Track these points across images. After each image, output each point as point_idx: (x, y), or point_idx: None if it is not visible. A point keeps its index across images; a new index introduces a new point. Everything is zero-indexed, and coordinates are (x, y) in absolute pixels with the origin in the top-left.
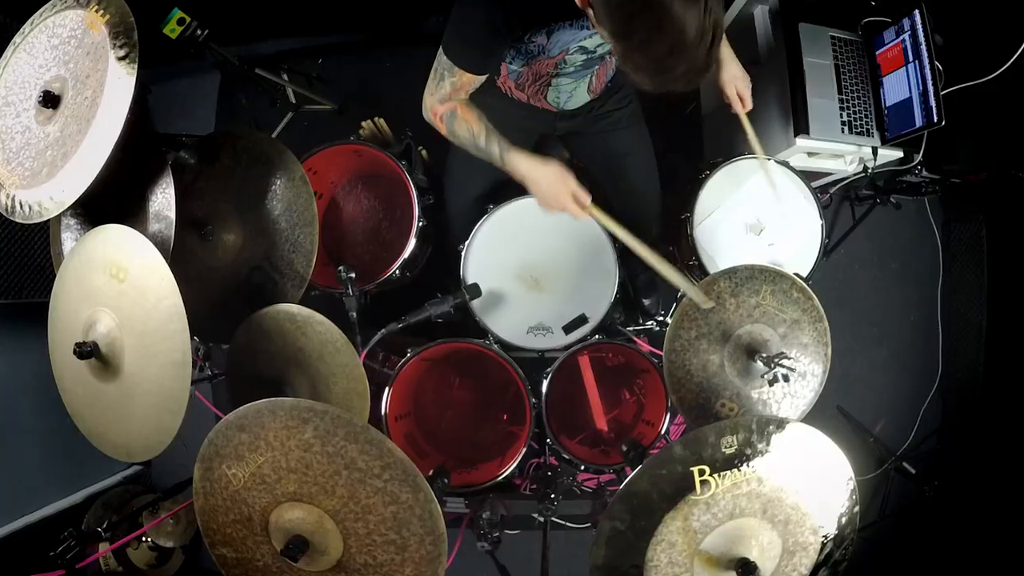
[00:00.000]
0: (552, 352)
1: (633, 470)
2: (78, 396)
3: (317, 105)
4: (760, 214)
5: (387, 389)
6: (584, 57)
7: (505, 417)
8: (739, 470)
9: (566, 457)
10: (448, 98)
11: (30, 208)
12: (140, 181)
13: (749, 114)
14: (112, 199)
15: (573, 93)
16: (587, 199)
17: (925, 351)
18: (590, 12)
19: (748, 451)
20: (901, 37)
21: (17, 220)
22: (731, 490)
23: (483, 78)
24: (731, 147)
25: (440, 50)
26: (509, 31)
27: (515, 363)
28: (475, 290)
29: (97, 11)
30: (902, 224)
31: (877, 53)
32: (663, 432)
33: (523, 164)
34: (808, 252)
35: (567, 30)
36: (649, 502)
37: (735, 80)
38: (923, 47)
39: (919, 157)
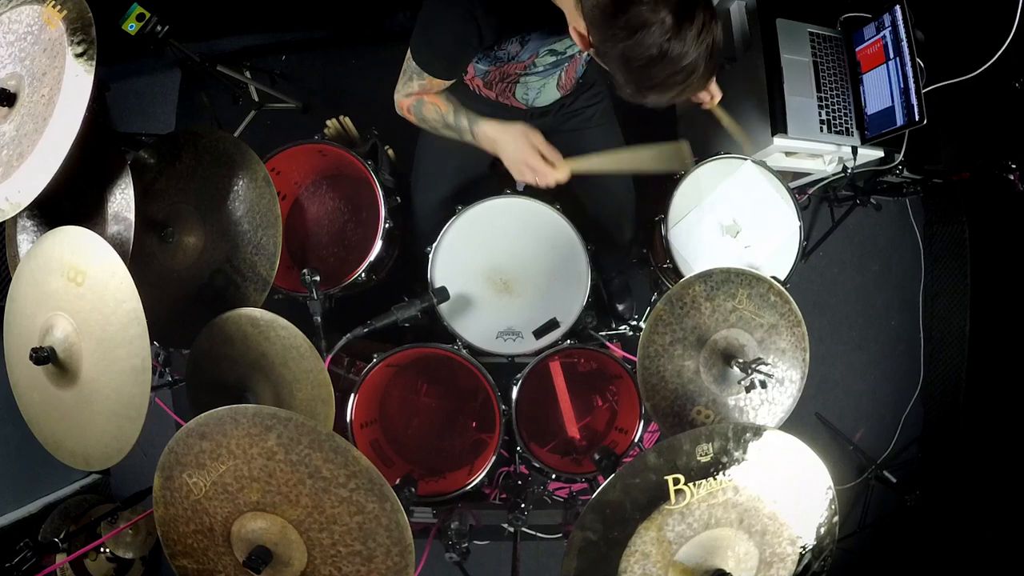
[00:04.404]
0: (522, 357)
1: (606, 479)
2: (34, 403)
3: (280, 103)
4: (736, 215)
5: (352, 395)
6: (553, 58)
7: (474, 424)
8: (715, 479)
9: (537, 466)
10: (416, 95)
11: None
12: (98, 181)
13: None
14: (70, 200)
15: (542, 90)
16: (556, 155)
17: (906, 356)
18: (592, 50)
19: (724, 459)
20: (881, 33)
21: None
22: (707, 499)
23: (452, 81)
24: (706, 147)
25: (409, 52)
26: (479, 43)
27: (484, 369)
28: (443, 294)
29: (54, 6)
30: (883, 226)
31: (857, 50)
32: (636, 440)
33: (490, 130)
34: (786, 254)
35: (539, 36)
36: (622, 512)
37: None
38: (904, 43)
39: (900, 157)
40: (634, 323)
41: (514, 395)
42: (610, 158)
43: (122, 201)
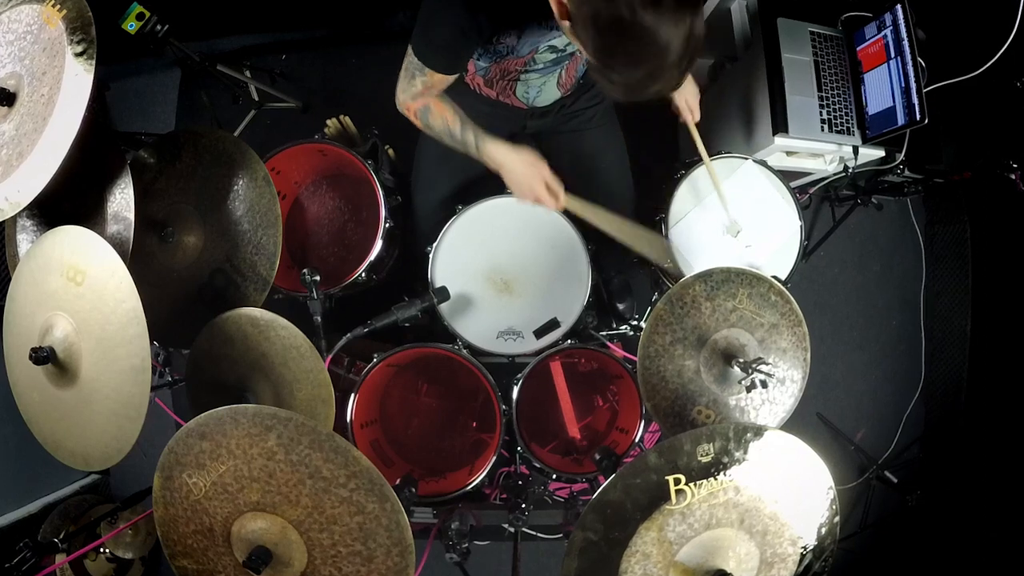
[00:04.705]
0: (523, 357)
1: (606, 479)
2: (34, 403)
3: (280, 103)
4: (737, 215)
5: (352, 395)
6: (553, 56)
7: (474, 424)
8: (716, 479)
9: (537, 466)
10: (421, 95)
11: None
12: (98, 181)
13: (700, 125)
14: (69, 200)
15: (542, 88)
16: (560, 189)
17: (907, 356)
18: (566, 24)
19: (725, 459)
20: (883, 32)
21: None
22: (707, 500)
23: (455, 76)
24: (707, 146)
25: (409, 48)
26: (479, 35)
27: (484, 369)
28: (443, 293)
29: (54, 6)
30: (884, 225)
31: (858, 49)
32: (637, 440)
33: (497, 152)
34: (787, 254)
35: (537, 30)
36: (623, 512)
37: (683, 90)
38: (905, 43)
39: (901, 156)
40: (635, 323)
41: (514, 395)
42: (605, 217)
43: (122, 201)
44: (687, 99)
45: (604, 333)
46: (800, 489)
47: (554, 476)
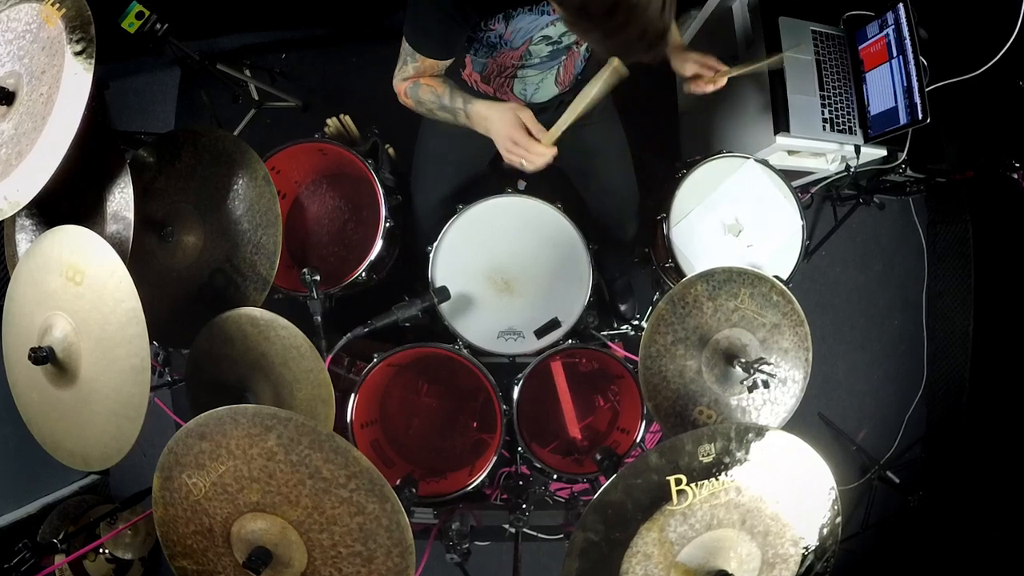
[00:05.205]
0: (523, 357)
1: (607, 479)
2: (33, 403)
3: (281, 102)
4: (739, 215)
5: (352, 395)
6: (549, 48)
7: (475, 425)
8: (717, 479)
9: (538, 466)
10: (412, 79)
11: None
12: (98, 180)
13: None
14: (69, 199)
15: (540, 85)
16: (541, 130)
17: (909, 356)
18: None
19: (726, 460)
20: (885, 31)
21: None
22: (709, 500)
23: (446, 63)
24: (708, 145)
25: (404, 35)
26: (465, 18)
27: (485, 369)
28: (444, 293)
29: (53, 5)
30: (886, 225)
31: (860, 48)
32: (638, 440)
33: (483, 108)
34: (788, 254)
35: (526, 16)
36: (624, 513)
37: (690, 57)
38: (907, 42)
39: (903, 155)
40: (636, 323)
41: (515, 395)
42: (581, 97)
43: (121, 200)
44: (699, 60)
45: (605, 333)
46: (802, 489)
47: (555, 476)
